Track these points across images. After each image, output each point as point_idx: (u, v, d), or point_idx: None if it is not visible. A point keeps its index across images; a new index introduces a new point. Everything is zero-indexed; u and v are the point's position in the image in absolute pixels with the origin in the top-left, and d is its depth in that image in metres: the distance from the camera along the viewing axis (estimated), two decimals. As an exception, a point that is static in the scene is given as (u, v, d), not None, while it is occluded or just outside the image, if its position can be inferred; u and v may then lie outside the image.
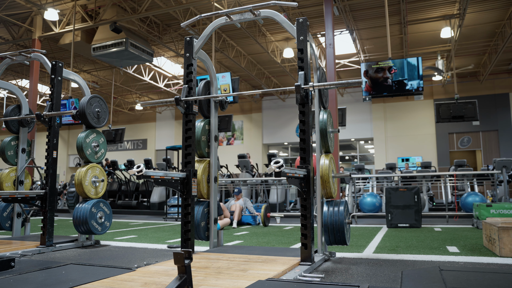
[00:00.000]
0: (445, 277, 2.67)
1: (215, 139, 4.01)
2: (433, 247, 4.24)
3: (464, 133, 16.14)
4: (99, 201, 4.46)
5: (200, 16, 3.87)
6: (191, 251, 1.95)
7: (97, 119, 4.67)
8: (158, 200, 11.08)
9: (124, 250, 4.30)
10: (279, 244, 4.69)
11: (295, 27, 3.38)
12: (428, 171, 10.44)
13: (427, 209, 8.89)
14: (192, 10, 10.89)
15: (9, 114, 5.26)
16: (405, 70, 7.40)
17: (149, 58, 11.92)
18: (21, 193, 4.23)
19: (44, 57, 4.76)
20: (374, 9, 10.78)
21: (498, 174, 8.21)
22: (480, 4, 10.46)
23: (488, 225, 4.09)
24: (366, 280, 2.74)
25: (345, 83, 3.33)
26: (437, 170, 13.89)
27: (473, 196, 7.74)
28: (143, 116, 22.01)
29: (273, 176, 8.78)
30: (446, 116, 9.55)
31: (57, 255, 3.99)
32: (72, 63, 11.63)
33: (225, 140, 19.77)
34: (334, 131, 3.77)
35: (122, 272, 2.79)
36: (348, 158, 19.13)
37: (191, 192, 3.61)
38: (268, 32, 12.39)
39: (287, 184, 9.92)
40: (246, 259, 3.20)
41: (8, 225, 5.14)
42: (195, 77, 3.81)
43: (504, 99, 15.72)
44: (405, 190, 6.60)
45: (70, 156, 23.23)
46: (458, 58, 14.00)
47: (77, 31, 11.43)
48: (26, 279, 2.68)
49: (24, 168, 5.18)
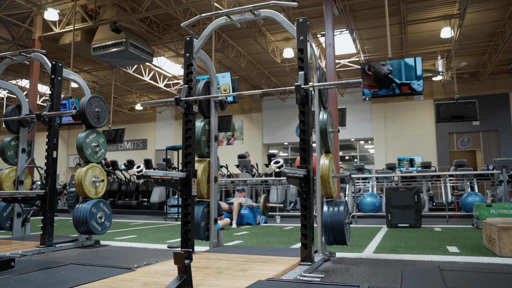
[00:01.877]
0: (445, 277, 2.67)
1: (215, 139, 4.01)
2: (433, 247, 4.24)
3: (464, 133, 16.14)
4: (99, 201, 4.46)
5: (200, 16, 3.87)
6: (191, 251, 1.95)
7: (97, 119, 4.67)
8: (158, 200, 11.08)
9: (124, 250, 4.30)
10: (279, 244, 4.69)
11: (295, 27, 3.38)
12: (428, 171, 10.45)
13: (427, 209, 8.90)
14: (192, 10, 10.89)
15: (9, 114, 5.26)
16: (402, 71, 7.41)
17: (149, 58, 11.92)
18: (21, 193, 4.23)
19: (44, 57, 4.76)
20: (374, 9, 10.78)
21: (498, 174, 8.21)
22: (480, 4, 10.46)
23: (488, 225, 4.09)
24: (366, 280, 2.74)
25: (345, 83, 3.33)
26: (437, 170, 13.89)
27: (473, 196, 7.74)
28: (143, 116, 22.01)
29: (273, 176, 8.79)
30: (446, 116, 9.55)
31: (57, 255, 3.99)
32: (72, 63, 11.64)
33: (225, 140, 19.77)
34: (334, 131, 3.77)
35: (122, 272, 2.79)
36: (348, 158, 19.13)
37: (191, 192, 3.60)
38: (268, 32, 12.39)
39: (287, 184, 9.93)
40: (246, 259, 3.20)
41: (8, 225, 5.14)
42: (195, 77, 3.81)
43: (504, 99, 15.72)
44: (405, 190, 6.60)
45: (70, 156, 23.23)
46: (458, 58, 14.00)
47: (77, 31, 11.43)
48: (26, 279, 2.68)
49: (24, 168, 5.18)
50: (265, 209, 7.28)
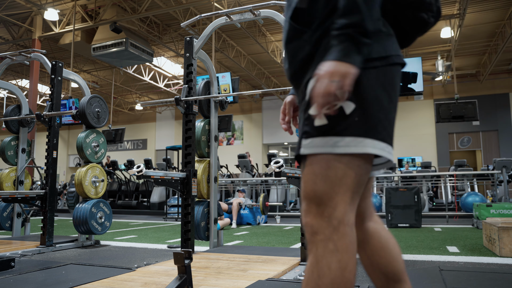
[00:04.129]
0: (445, 277, 2.67)
1: (215, 139, 4.01)
2: (433, 247, 4.24)
3: (464, 133, 16.14)
4: (99, 201, 4.46)
5: (200, 16, 3.87)
6: (191, 251, 1.95)
7: (97, 119, 4.67)
8: (158, 200, 11.08)
9: (124, 250, 4.30)
10: (279, 244, 4.69)
11: (295, 27, 3.38)
12: (428, 171, 10.45)
13: (427, 209, 8.90)
14: (192, 10, 10.89)
15: (9, 114, 5.26)
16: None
17: (149, 58, 11.92)
18: (21, 193, 4.23)
19: (44, 57, 4.76)
20: (374, 9, 10.77)
21: (498, 174, 8.21)
22: (480, 4, 10.46)
23: (488, 225, 4.09)
24: (366, 280, 2.74)
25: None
26: (437, 170, 13.89)
27: (473, 196, 7.74)
28: (143, 116, 22.01)
29: (273, 176, 8.79)
30: (446, 116, 9.55)
31: (57, 255, 3.99)
32: (72, 63, 11.64)
33: (225, 140, 19.77)
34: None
35: (122, 272, 2.79)
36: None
37: (191, 192, 3.61)
38: (268, 32, 12.39)
39: (287, 184, 9.93)
40: (246, 259, 3.20)
41: (8, 225, 5.14)
42: (195, 77, 3.81)
43: (504, 99, 15.72)
44: (405, 190, 6.60)
45: (70, 156, 23.23)
46: (458, 58, 14.01)
47: (77, 31, 11.43)
48: (26, 279, 2.68)
49: (24, 168, 5.18)
50: (264, 208, 7.29)
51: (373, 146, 1.00)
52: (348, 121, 0.98)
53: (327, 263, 0.96)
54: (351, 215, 1.01)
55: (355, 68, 0.94)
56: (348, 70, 0.93)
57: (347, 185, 0.99)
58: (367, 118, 0.99)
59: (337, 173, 0.99)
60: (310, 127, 1.02)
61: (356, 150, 0.98)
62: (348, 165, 0.99)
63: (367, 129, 0.99)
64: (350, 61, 0.93)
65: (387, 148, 1.03)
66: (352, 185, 1.00)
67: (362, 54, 0.96)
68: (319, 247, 0.98)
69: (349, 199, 1.00)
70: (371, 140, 0.99)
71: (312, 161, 1.01)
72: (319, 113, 0.97)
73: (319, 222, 0.99)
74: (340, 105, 0.99)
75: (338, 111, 0.99)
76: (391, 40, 1.10)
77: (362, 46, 0.94)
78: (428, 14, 1.13)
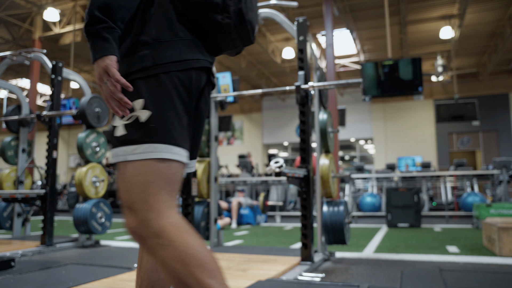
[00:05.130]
0: (445, 277, 2.67)
1: (215, 139, 4.02)
2: (433, 247, 4.24)
3: (464, 133, 16.13)
4: (100, 201, 4.46)
5: (200, 16, 3.86)
6: (191, 251, 1.95)
7: (97, 119, 4.67)
8: (158, 200, 11.06)
9: (124, 250, 4.31)
10: (279, 244, 4.69)
11: (295, 27, 3.39)
12: (428, 171, 10.44)
13: (427, 209, 8.90)
14: (192, 10, 10.88)
15: (9, 114, 5.26)
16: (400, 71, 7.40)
17: (149, 58, 11.90)
18: (22, 193, 4.23)
19: (44, 57, 4.76)
20: (374, 9, 10.78)
21: (498, 174, 8.21)
22: (480, 4, 10.46)
23: (488, 225, 4.09)
24: (366, 280, 2.74)
25: (345, 83, 3.34)
26: (437, 170, 13.89)
27: (473, 196, 7.74)
28: (143, 116, 21.98)
29: (273, 176, 8.79)
30: (446, 116, 9.56)
31: (57, 255, 3.99)
32: (73, 63, 11.64)
33: (225, 140, 19.77)
34: (334, 131, 3.77)
35: (122, 272, 2.79)
36: (348, 158, 19.12)
37: (191, 192, 3.61)
38: (268, 32, 12.39)
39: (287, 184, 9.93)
40: (246, 259, 3.20)
41: (8, 225, 5.14)
42: (195, 77, 3.80)
43: (504, 99, 15.72)
44: (405, 190, 6.61)
45: (70, 156, 23.23)
46: (458, 58, 14.01)
47: (77, 31, 11.43)
48: (26, 279, 2.68)
49: (24, 168, 5.19)
50: (264, 207, 7.30)
51: (168, 151, 1.04)
52: (144, 129, 1.04)
53: (171, 257, 0.99)
54: (169, 210, 1.04)
55: (110, 56, 1.01)
56: (104, 64, 1.00)
57: (158, 186, 1.03)
58: (162, 125, 1.04)
59: (145, 178, 1.03)
60: (113, 137, 1.08)
61: (152, 155, 1.03)
62: (153, 169, 1.04)
63: (162, 135, 1.04)
64: (99, 55, 1.00)
65: (181, 151, 1.08)
66: (163, 185, 1.04)
67: (113, 37, 1.02)
68: (156, 249, 1.01)
69: (163, 197, 1.04)
70: (166, 145, 1.04)
71: (120, 168, 1.06)
72: (118, 113, 1.04)
73: (140, 227, 1.02)
74: (135, 114, 1.04)
75: (134, 120, 1.04)
76: (188, 44, 1.11)
77: (102, 32, 1.00)
78: (223, 15, 1.12)
